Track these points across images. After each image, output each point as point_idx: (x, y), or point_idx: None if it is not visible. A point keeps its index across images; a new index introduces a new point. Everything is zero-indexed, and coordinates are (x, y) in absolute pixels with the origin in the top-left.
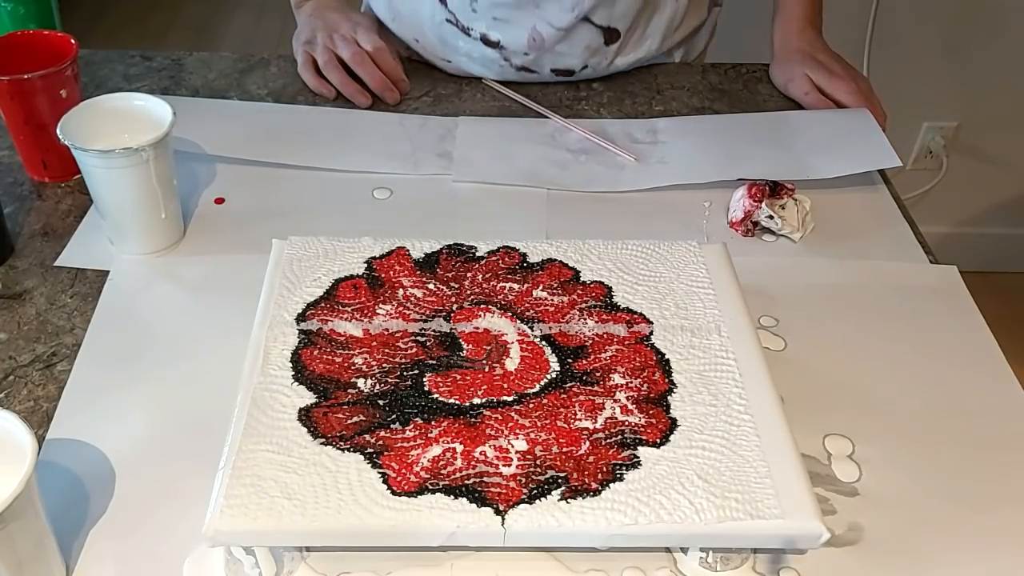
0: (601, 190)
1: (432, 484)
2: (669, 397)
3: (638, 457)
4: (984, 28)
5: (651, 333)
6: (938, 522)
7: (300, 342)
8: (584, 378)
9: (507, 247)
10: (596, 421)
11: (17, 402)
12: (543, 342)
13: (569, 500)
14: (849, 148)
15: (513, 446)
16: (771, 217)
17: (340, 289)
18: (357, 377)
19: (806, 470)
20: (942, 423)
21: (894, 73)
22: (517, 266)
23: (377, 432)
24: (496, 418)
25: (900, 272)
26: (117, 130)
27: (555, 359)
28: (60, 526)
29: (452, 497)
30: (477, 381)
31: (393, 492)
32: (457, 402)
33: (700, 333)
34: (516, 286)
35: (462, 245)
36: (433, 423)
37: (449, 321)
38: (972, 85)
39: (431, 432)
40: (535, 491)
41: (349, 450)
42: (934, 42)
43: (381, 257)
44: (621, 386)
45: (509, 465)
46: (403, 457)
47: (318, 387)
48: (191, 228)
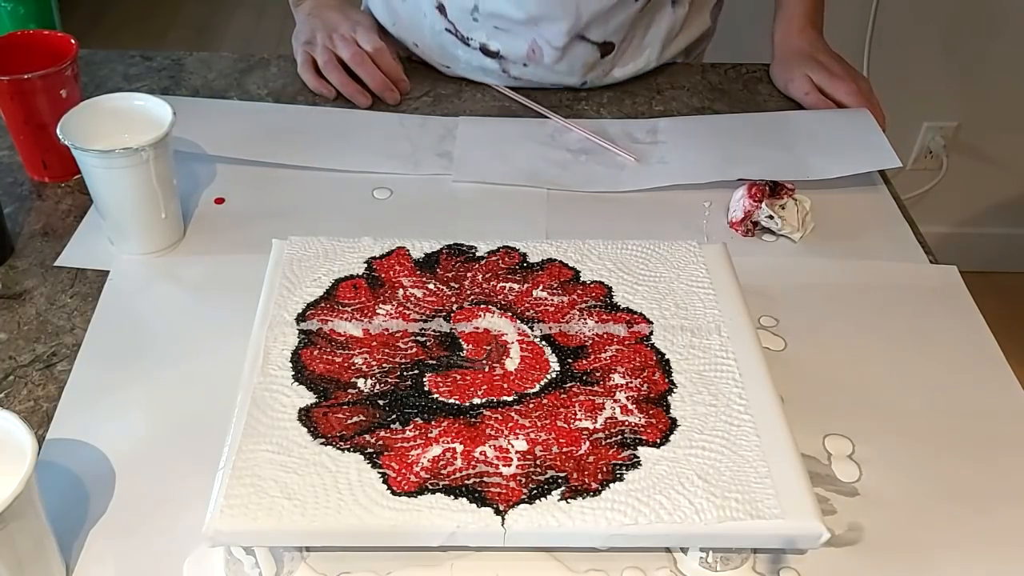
0: (601, 190)
1: (432, 484)
2: (669, 397)
3: (638, 457)
4: (984, 28)
5: (651, 333)
6: (938, 522)
7: (300, 342)
8: (584, 378)
9: (507, 247)
10: (596, 421)
11: (17, 402)
12: (543, 342)
13: (569, 500)
14: (849, 148)
15: (513, 446)
16: (771, 217)
17: (340, 289)
18: (357, 377)
19: (806, 470)
20: (942, 423)
21: (894, 73)
22: (517, 266)
23: (377, 432)
24: (496, 418)
25: (900, 272)
26: (117, 130)
27: (555, 359)
28: (60, 526)
29: (452, 497)
30: (477, 381)
31: (393, 492)
32: (457, 402)
33: (700, 333)
34: (516, 286)
35: (462, 245)
36: (433, 423)
37: (449, 321)
38: (972, 85)
39: (431, 432)
40: (535, 491)
41: (349, 450)
42: (934, 42)
43: (381, 257)
44: (621, 386)
45: (509, 465)
46: (403, 457)
47: (318, 387)
48: (191, 228)
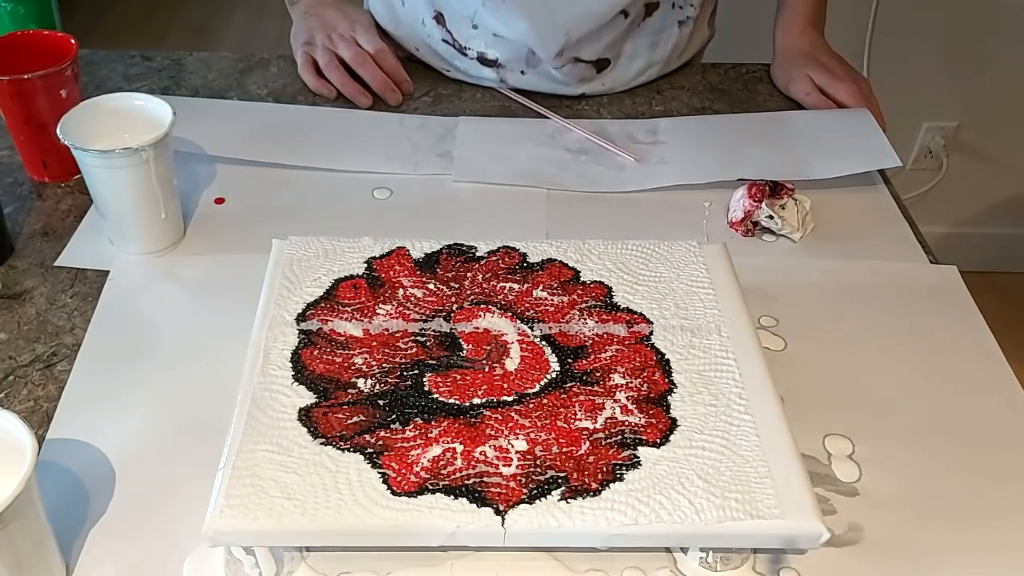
0: (601, 190)
1: (432, 484)
2: (669, 397)
3: (638, 457)
4: (984, 28)
5: (651, 333)
6: (938, 522)
7: (300, 342)
8: (584, 378)
9: (507, 247)
10: (596, 421)
11: (17, 402)
12: (543, 342)
13: (569, 500)
14: (849, 148)
15: (513, 446)
16: (771, 217)
17: (340, 289)
18: (357, 377)
19: (806, 470)
20: (942, 423)
21: (894, 73)
22: (517, 266)
23: (377, 432)
24: (496, 418)
25: (900, 272)
26: (117, 130)
27: (555, 359)
28: (60, 526)
29: (452, 497)
30: (477, 381)
31: (393, 492)
32: (457, 402)
33: (700, 333)
34: (516, 286)
35: (462, 245)
36: (433, 423)
37: (449, 321)
38: (972, 85)
39: (431, 432)
40: (535, 491)
41: (349, 450)
42: (934, 42)
43: (381, 257)
44: (621, 386)
45: (509, 465)
46: (403, 457)
47: (318, 387)
48: (191, 228)
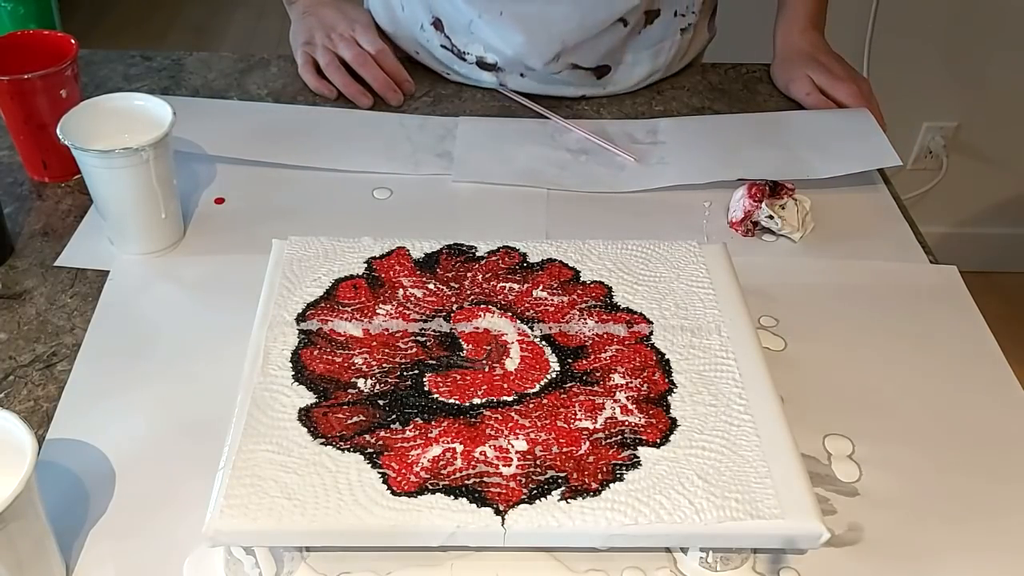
0: (601, 190)
1: (432, 484)
2: (669, 397)
3: (638, 457)
4: (984, 28)
5: (651, 333)
6: (938, 522)
7: (300, 342)
8: (584, 378)
9: (507, 247)
10: (596, 421)
11: (17, 402)
12: (543, 342)
13: (569, 500)
14: (849, 147)
15: (513, 446)
16: (771, 217)
17: (340, 289)
18: (357, 377)
19: (806, 470)
20: (942, 423)
21: (894, 73)
22: (517, 266)
23: (377, 432)
24: (496, 418)
25: (900, 272)
26: (117, 130)
27: (555, 359)
28: (60, 526)
29: (452, 497)
30: (477, 381)
31: (393, 492)
32: (457, 402)
33: (700, 333)
34: (516, 286)
35: (462, 245)
36: (433, 423)
37: (449, 321)
38: (972, 85)
39: (431, 432)
40: (535, 491)
41: (349, 450)
42: (934, 42)
43: (381, 257)
44: (621, 386)
45: (509, 465)
46: (403, 457)
47: (318, 387)
48: (191, 228)
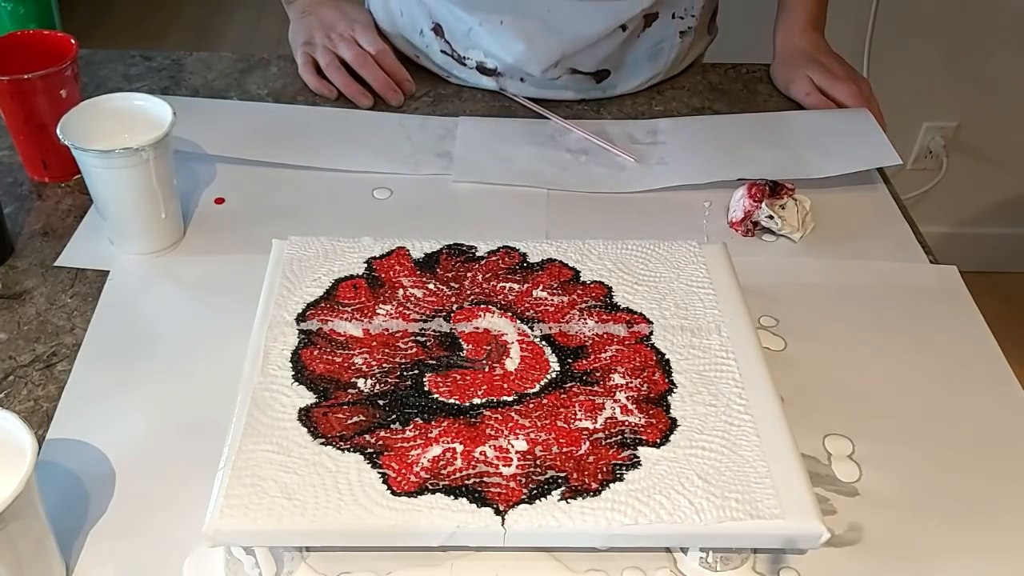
0: (601, 191)
1: (432, 484)
2: (669, 397)
3: (638, 457)
4: (984, 28)
5: (651, 333)
6: (938, 522)
7: (300, 342)
8: (584, 378)
9: (507, 247)
10: (596, 421)
11: (17, 402)
12: (543, 342)
13: (569, 500)
14: (849, 147)
15: (513, 446)
16: (771, 217)
17: (340, 289)
18: (357, 377)
19: (806, 470)
20: (942, 423)
21: (894, 73)
22: (517, 266)
23: (377, 432)
24: (496, 418)
25: (900, 272)
26: (117, 130)
27: (555, 359)
28: (60, 526)
29: (452, 497)
30: (477, 381)
31: (393, 492)
32: (457, 402)
33: (700, 333)
34: (516, 286)
35: (462, 245)
36: (433, 423)
37: (449, 321)
38: (972, 85)
39: (431, 432)
40: (535, 491)
41: (349, 450)
42: (934, 42)
43: (381, 257)
44: (621, 386)
45: (509, 465)
46: (403, 457)
47: (318, 387)
48: (191, 228)
